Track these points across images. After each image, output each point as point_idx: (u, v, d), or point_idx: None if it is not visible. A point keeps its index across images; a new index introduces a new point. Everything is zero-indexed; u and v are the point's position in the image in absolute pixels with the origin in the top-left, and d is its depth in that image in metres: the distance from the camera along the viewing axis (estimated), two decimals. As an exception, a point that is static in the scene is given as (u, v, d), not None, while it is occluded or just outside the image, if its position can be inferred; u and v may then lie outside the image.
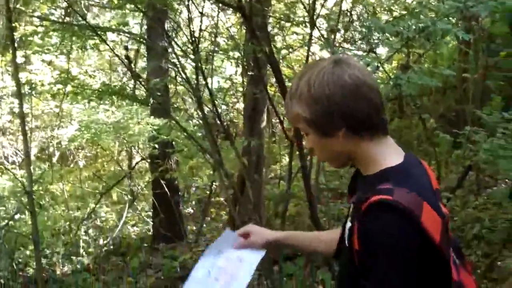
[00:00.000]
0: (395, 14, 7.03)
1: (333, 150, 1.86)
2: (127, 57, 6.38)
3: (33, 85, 8.75)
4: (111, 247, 10.09)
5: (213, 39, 7.67)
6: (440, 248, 1.64)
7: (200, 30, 6.23)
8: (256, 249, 2.21)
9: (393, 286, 1.63)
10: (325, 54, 7.69)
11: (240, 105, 10.84)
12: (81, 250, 9.46)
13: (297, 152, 5.49)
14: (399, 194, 1.65)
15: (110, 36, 8.46)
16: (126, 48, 7.38)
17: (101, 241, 10.43)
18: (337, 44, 6.19)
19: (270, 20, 7.82)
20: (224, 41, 8.73)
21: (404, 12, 6.66)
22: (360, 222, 1.69)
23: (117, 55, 6.91)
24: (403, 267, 1.62)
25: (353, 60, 1.84)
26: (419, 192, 1.68)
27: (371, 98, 1.77)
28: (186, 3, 6.25)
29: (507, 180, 7.49)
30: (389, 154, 1.83)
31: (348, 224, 1.84)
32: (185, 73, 5.99)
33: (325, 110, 1.76)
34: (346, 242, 1.83)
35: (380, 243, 1.63)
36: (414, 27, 4.90)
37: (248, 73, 7.46)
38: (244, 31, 7.92)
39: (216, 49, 7.48)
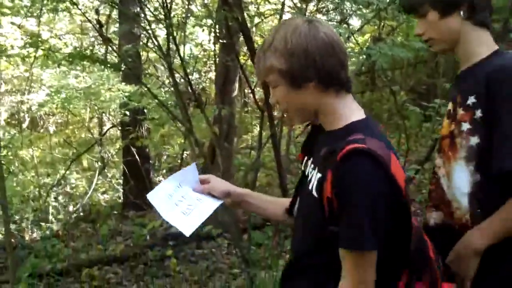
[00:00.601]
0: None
1: (301, 102, 1.96)
2: (98, 21, 6.27)
3: (3, 48, 8.60)
4: (81, 214, 10.06)
5: (186, 5, 7.58)
6: (405, 196, 1.78)
7: (173, -5, 6.15)
8: (214, 197, 2.25)
9: (363, 225, 1.72)
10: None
11: (213, 74, 10.78)
12: (51, 217, 9.42)
13: (268, 122, 5.50)
14: (371, 143, 1.77)
15: (82, 0, 8.33)
16: (97, 12, 7.25)
17: (70, 208, 10.39)
18: (310, 14, 6.16)
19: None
20: (198, 8, 8.65)
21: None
22: (336, 169, 1.77)
23: (88, 19, 6.80)
24: (374, 208, 1.72)
25: (323, 21, 2.00)
26: (386, 144, 1.83)
27: (341, 56, 1.92)
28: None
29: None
30: (353, 110, 1.97)
31: (318, 175, 1.91)
32: (156, 39, 5.93)
33: (300, 62, 1.88)
34: (315, 193, 1.90)
35: (356, 185, 1.74)
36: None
37: (220, 41, 7.41)
38: (217, -2, 7.83)
39: (189, 15, 7.41)
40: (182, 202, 2.20)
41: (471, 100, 2.15)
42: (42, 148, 12.66)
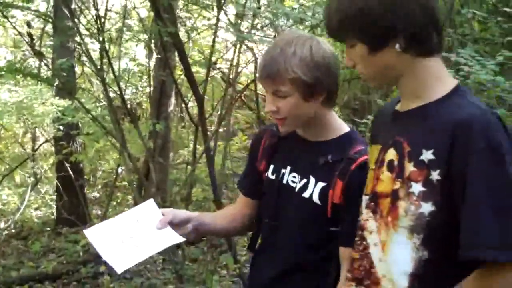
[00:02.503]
0: (302, 2, 7.12)
1: (304, 113, 2.11)
2: (30, 34, 6.18)
3: None
4: (12, 230, 9.83)
5: (121, 19, 7.55)
6: None
7: (106, 9, 6.12)
8: (175, 234, 2.17)
9: None
10: (231, 37, 7.68)
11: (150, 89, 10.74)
12: (-19, 233, 9.18)
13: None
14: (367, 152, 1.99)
15: (16, 13, 8.19)
16: (28, 25, 7.15)
17: (1, 225, 10.14)
18: (245, 30, 6.21)
19: (179, 3, 7.76)
20: (134, 23, 8.61)
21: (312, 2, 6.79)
22: (351, 177, 2.02)
23: (19, 33, 6.70)
24: None
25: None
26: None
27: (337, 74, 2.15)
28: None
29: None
30: (341, 122, 2.22)
31: (320, 184, 2.10)
32: (89, 53, 5.88)
33: (322, 76, 2.04)
34: (317, 200, 2.09)
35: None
36: (320, 15, 4.99)
37: (155, 56, 7.40)
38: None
39: (125, 29, 7.37)
40: (132, 238, 2.12)
41: (427, 155, 1.64)
42: (-28, 163, 12.34)
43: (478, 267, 1.59)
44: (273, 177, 2.24)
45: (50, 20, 8.06)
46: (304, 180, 2.13)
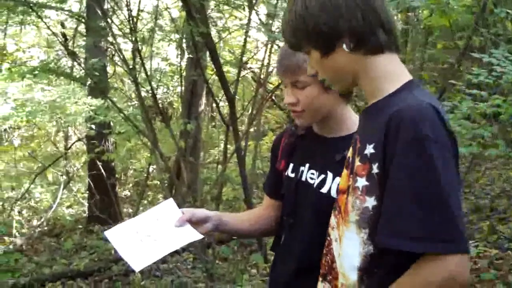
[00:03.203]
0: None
1: (320, 104, 2.11)
2: (64, 34, 6.26)
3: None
4: (45, 228, 9.97)
5: (153, 20, 7.60)
6: None
7: (139, 10, 6.17)
8: (194, 231, 2.16)
9: None
10: (262, 37, 7.70)
11: (181, 89, 10.81)
12: (14, 231, 9.31)
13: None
14: None
15: (50, 13, 8.30)
16: (62, 25, 7.24)
17: (34, 222, 10.29)
18: (276, 29, 6.22)
19: (211, 3, 7.79)
20: (166, 23, 8.66)
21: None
22: None
23: (53, 33, 6.79)
24: None
25: None
26: None
27: None
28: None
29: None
30: (357, 116, 2.12)
31: (338, 179, 1.99)
32: (122, 53, 5.93)
33: None
34: (335, 195, 1.96)
35: None
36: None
37: (187, 55, 7.43)
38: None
39: (157, 29, 7.43)
40: (151, 236, 2.11)
41: (369, 149, 1.66)
42: (6, 162, 12.51)
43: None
44: (292, 175, 2.24)
45: (83, 20, 8.15)
46: (322, 176, 2.13)
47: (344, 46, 1.70)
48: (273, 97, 8.11)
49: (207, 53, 6.91)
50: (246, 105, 8.44)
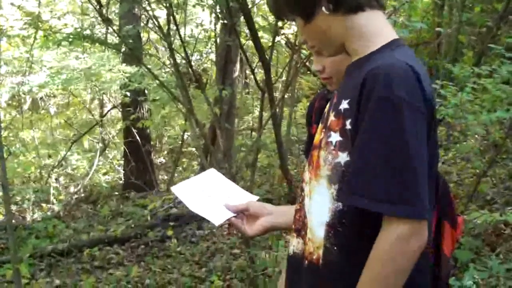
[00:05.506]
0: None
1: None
2: (98, 1, 6.23)
3: (3, 30, 8.58)
4: (82, 195, 10.09)
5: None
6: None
7: (173, -25, 6.11)
8: (247, 193, 2.16)
9: None
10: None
11: (214, 55, 10.77)
12: (52, 198, 9.44)
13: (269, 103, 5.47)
14: None
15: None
16: (96, -8, 7.19)
17: (71, 189, 10.41)
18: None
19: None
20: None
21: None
22: None
23: (88, 0, 6.77)
24: None
25: None
26: None
27: None
28: None
29: (476, 136, 7.54)
30: None
31: None
32: (157, 20, 5.90)
33: None
34: None
35: None
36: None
37: (221, 21, 7.37)
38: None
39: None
40: (214, 195, 2.10)
41: (344, 105, 1.65)
42: (43, 130, 12.67)
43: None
44: None
45: (117, -14, 8.13)
46: None
47: (324, 8, 1.69)
48: (307, 63, 8.02)
49: (241, 18, 6.85)
50: (281, 72, 8.36)
